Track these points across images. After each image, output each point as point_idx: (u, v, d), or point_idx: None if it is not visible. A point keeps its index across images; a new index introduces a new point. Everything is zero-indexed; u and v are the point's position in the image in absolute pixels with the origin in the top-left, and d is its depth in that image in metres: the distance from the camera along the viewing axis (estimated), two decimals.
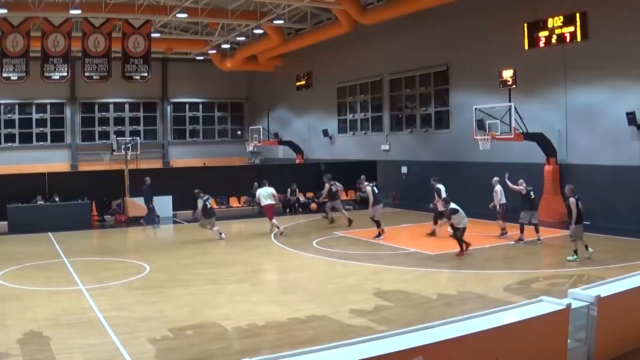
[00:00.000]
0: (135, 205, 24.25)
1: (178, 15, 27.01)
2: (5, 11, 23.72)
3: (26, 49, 24.14)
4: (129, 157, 30.12)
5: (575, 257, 14.62)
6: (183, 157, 40.99)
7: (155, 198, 22.85)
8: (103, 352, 8.92)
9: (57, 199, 23.14)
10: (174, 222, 24.25)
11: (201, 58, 39.74)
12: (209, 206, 19.45)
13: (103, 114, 40.85)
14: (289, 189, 26.18)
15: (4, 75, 24.18)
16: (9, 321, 10.50)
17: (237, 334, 9.70)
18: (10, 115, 38.65)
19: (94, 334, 9.73)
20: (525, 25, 22.12)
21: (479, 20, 24.81)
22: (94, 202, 23.89)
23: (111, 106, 41.05)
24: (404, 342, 6.07)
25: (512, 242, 17.29)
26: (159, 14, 27.23)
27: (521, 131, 21.16)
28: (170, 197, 24.47)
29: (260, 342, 9.25)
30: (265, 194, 20.08)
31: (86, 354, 8.79)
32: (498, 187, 18.05)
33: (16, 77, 24.38)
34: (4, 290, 12.92)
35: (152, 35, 27.58)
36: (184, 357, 8.71)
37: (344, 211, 21.87)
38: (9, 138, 38.47)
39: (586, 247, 14.83)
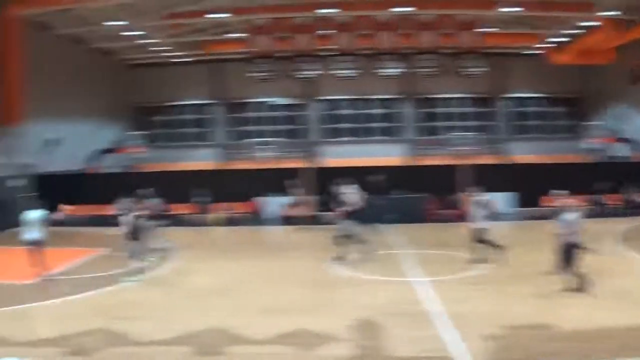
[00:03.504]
0: None
1: None
2: None
3: None
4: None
5: None
6: (525, 153, 38.77)
7: (490, 194, 21.80)
8: (432, 344, 8.76)
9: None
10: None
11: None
12: None
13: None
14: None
15: None
16: (340, 307, 10.90)
17: (570, 338, 8.99)
18: None
19: (426, 326, 9.61)
20: None
21: None
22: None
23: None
24: None
25: None
26: None
27: None
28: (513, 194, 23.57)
29: (594, 349, 8.50)
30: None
31: (415, 345, 8.71)
32: None
33: None
34: (339, 278, 13.56)
35: None
36: (516, 357, 8.32)
37: None
38: None
39: None
